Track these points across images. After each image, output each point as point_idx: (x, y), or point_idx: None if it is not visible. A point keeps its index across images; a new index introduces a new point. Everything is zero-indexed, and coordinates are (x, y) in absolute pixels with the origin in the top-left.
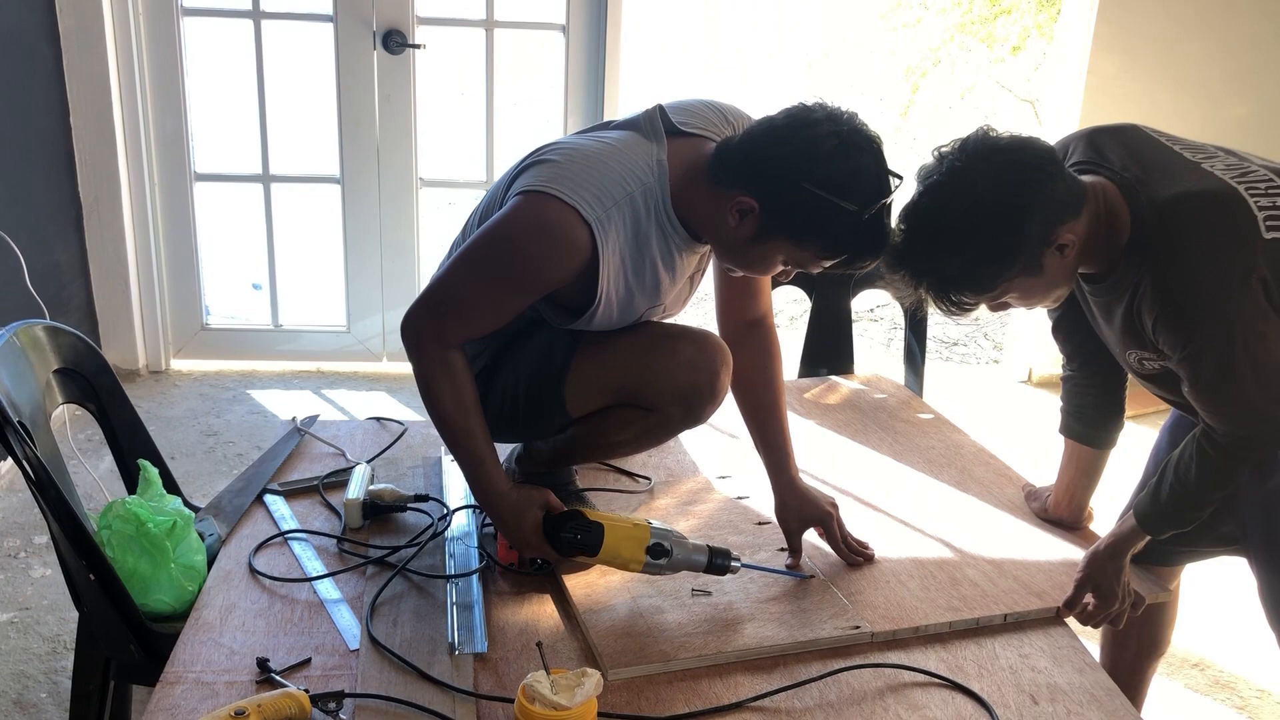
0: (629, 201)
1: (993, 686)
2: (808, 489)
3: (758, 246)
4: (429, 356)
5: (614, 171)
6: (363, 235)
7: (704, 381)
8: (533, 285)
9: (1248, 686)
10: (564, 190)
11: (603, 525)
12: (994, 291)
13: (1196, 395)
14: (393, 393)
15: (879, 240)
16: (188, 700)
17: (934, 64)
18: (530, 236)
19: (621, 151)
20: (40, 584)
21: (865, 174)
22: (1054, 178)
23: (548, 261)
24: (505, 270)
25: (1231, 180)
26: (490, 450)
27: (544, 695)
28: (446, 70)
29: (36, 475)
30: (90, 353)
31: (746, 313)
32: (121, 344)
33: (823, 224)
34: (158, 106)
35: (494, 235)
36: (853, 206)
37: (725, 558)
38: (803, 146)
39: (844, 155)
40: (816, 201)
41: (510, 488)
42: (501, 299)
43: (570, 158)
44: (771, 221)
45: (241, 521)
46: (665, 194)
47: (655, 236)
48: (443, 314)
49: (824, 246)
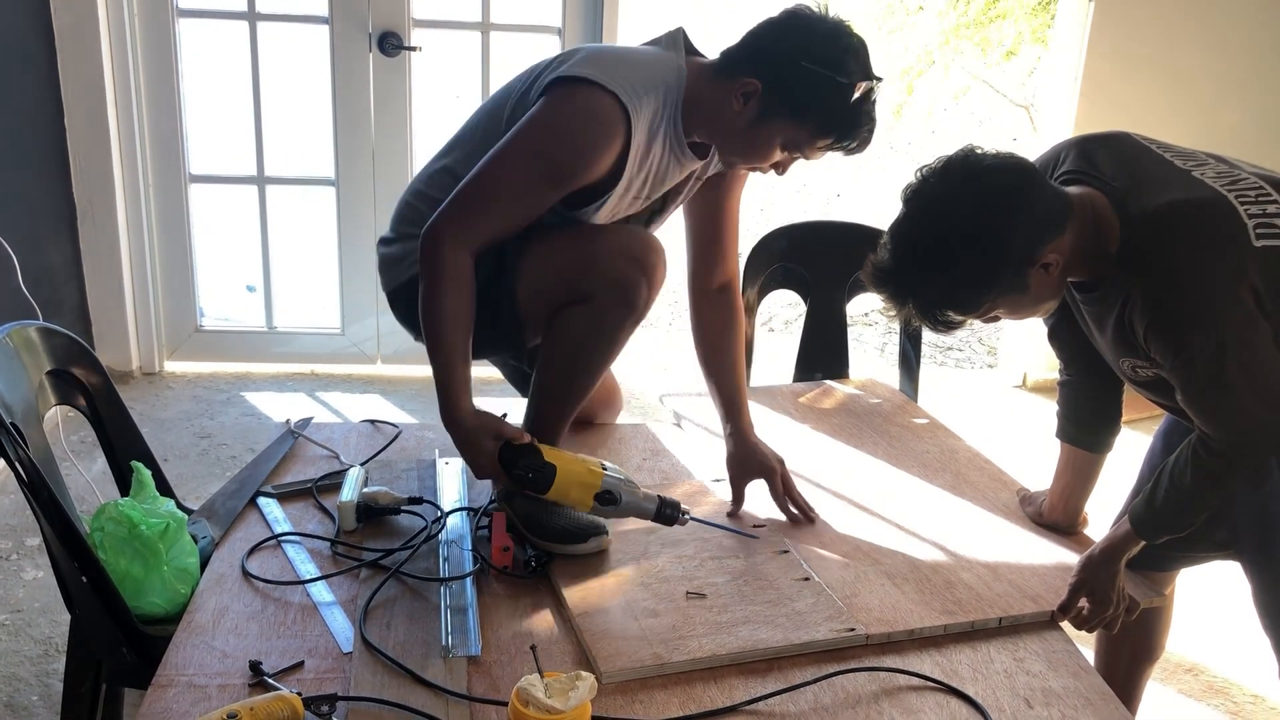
0: (654, 94)
1: (987, 690)
2: (757, 444)
3: (760, 128)
4: (445, 259)
5: (643, 67)
6: (357, 238)
7: (637, 268)
8: (574, 170)
9: (1241, 692)
10: (599, 76)
11: (555, 467)
12: (979, 310)
13: (1189, 402)
14: (387, 395)
15: (861, 120)
16: (180, 703)
17: (929, 64)
18: (573, 121)
19: (647, 54)
20: (32, 586)
21: (858, 54)
22: (1035, 198)
23: (590, 144)
24: (547, 158)
25: (1221, 188)
26: (465, 372)
27: (538, 699)
28: (442, 73)
29: (29, 477)
30: (84, 354)
31: (715, 275)
32: (115, 345)
33: (820, 98)
34: (153, 108)
35: (534, 125)
36: (845, 79)
37: (674, 509)
38: (801, 30)
39: (837, 38)
40: (813, 77)
41: (472, 412)
42: (539, 189)
43: (599, 53)
44: (773, 99)
45: (235, 524)
46: (680, 98)
47: (663, 134)
48: (471, 212)
49: (820, 123)
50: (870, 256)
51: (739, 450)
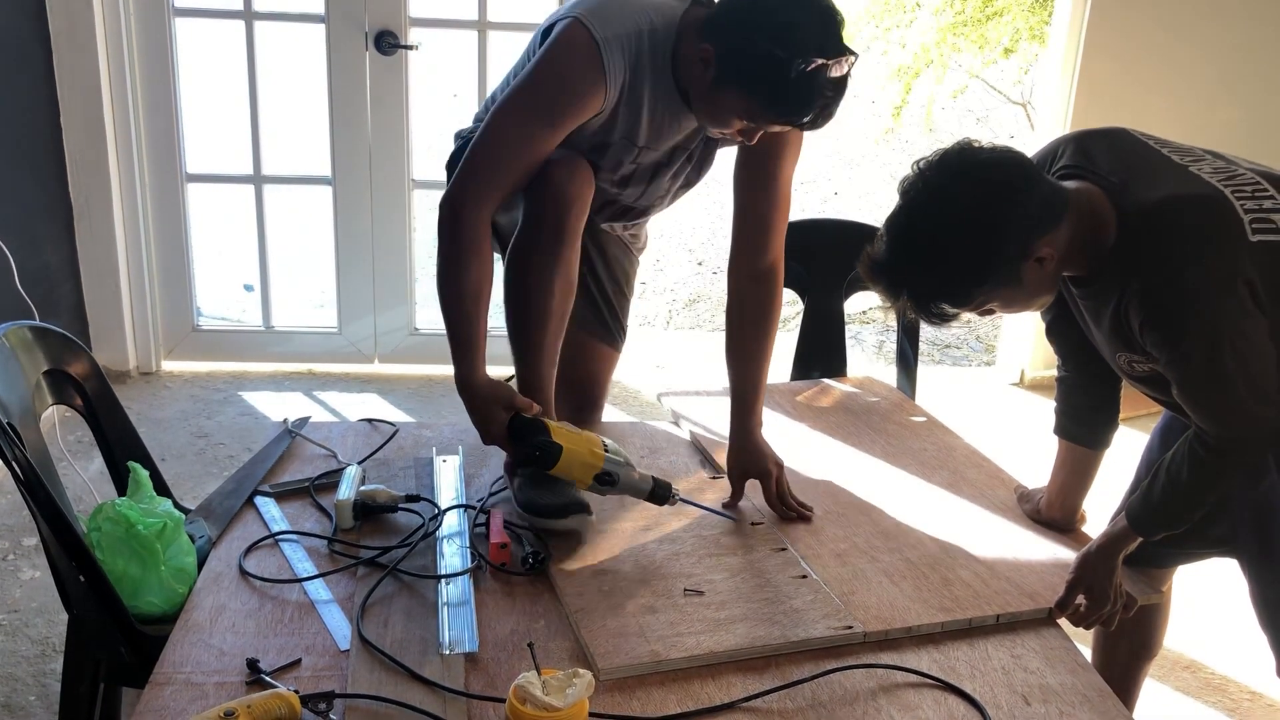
0: (630, 33)
1: (985, 687)
2: (760, 444)
3: (718, 95)
4: (463, 226)
5: (630, 6)
6: (355, 237)
7: (550, 194)
8: (562, 104)
9: (1239, 689)
10: (584, 13)
11: (561, 448)
12: (972, 303)
13: (1185, 398)
14: (384, 394)
15: (809, 98)
16: (177, 701)
17: (926, 64)
18: (553, 60)
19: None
20: (29, 586)
21: (803, 30)
22: (1030, 193)
23: (570, 75)
24: (536, 98)
25: (1218, 183)
26: (480, 342)
27: (535, 696)
28: (439, 72)
29: (26, 477)
30: (80, 354)
31: (760, 256)
32: (112, 345)
33: (762, 72)
34: (149, 107)
35: (523, 75)
36: (795, 56)
37: (666, 489)
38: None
39: (788, 9)
40: (755, 48)
41: (485, 381)
42: (537, 130)
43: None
44: (724, 67)
45: (232, 523)
46: (668, 44)
47: (650, 78)
48: (480, 171)
49: (765, 97)
50: (866, 248)
51: (741, 450)
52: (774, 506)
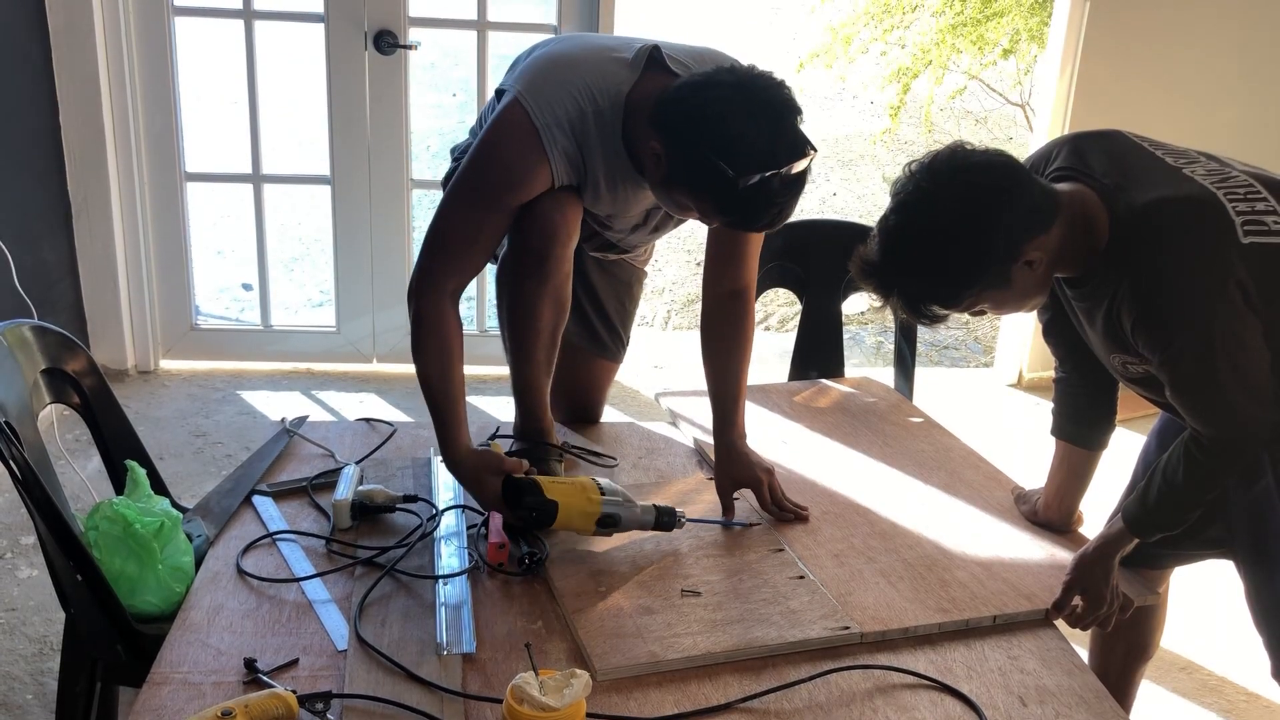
0: (579, 117)
1: (982, 688)
2: (746, 453)
3: (670, 190)
4: (425, 311)
5: (578, 79)
6: (353, 236)
7: (537, 234)
8: (504, 189)
9: (1235, 690)
10: (523, 90)
11: (558, 504)
12: (962, 304)
13: (1178, 399)
14: (382, 394)
15: (759, 209)
16: (174, 701)
17: (925, 65)
18: (495, 144)
19: (600, 66)
20: (27, 585)
21: (750, 141)
22: (1019, 196)
23: (511, 159)
24: (480, 185)
25: (1210, 185)
26: (460, 414)
27: (532, 696)
28: (438, 71)
29: (23, 475)
30: (78, 352)
31: (728, 282)
32: (110, 344)
33: (711, 183)
34: (148, 105)
35: (467, 161)
36: (730, 172)
37: (671, 515)
38: (700, 106)
39: (735, 120)
40: (703, 160)
41: (469, 452)
42: (484, 217)
43: (545, 59)
44: (674, 170)
45: (230, 522)
46: (616, 123)
47: (601, 160)
48: (437, 260)
49: (714, 205)
50: (858, 248)
51: (728, 461)
52: (770, 512)
